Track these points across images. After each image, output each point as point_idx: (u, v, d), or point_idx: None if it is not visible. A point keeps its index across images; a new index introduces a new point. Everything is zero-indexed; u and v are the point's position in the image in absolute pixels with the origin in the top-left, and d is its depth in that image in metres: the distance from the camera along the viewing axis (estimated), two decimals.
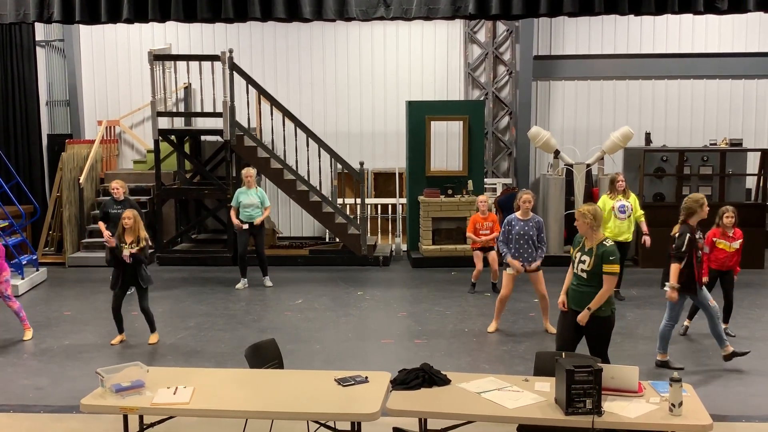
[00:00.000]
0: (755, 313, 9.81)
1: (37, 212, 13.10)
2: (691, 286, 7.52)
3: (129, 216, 8.37)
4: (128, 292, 8.99)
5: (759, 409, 6.67)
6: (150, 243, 8.69)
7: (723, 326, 8.15)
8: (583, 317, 6.33)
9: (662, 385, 5.04)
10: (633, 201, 10.49)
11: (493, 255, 10.69)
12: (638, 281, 11.62)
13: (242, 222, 11.25)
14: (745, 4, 9.68)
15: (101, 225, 10.39)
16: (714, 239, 8.55)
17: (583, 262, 6.37)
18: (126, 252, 8.29)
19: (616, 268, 6.27)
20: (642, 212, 10.56)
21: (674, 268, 7.43)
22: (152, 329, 8.79)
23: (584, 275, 6.36)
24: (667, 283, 7.52)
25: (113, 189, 10.63)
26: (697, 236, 7.57)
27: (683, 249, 7.39)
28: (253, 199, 11.24)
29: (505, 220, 8.97)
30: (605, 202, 10.39)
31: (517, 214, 8.88)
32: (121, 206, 10.32)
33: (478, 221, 10.79)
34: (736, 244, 8.54)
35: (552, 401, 4.90)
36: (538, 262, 8.89)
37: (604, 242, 6.32)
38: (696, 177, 12.88)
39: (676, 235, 7.54)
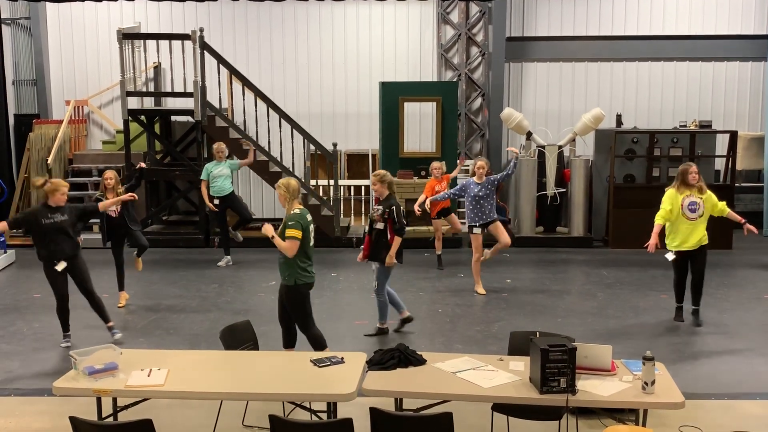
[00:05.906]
0: (722, 293, 9.96)
1: (4, 194, 12.88)
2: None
3: (110, 176, 8.87)
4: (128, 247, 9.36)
5: (728, 387, 6.79)
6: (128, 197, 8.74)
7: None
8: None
9: (635, 364, 5.10)
10: (708, 198, 8.34)
11: (452, 216, 11.30)
12: (608, 261, 11.75)
13: (212, 197, 11.31)
14: None
15: None
16: None
17: None
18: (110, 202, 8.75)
19: (295, 232, 6.38)
20: (723, 203, 8.48)
21: None
22: (120, 287, 9.36)
23: None
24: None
25: None
26: None
27: None
28: (224, 170, 11.30)
29: (461, 185, 9.72)
30: (672, 197, 8.25)
31: (474, 178, 9.64)
32: None
33: (436, 185, 10.92)
34: None
35: (526, 380, 4.94)
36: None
37: (293, 211, 6.49)
38: (666, 158, 12.99)
39: None
